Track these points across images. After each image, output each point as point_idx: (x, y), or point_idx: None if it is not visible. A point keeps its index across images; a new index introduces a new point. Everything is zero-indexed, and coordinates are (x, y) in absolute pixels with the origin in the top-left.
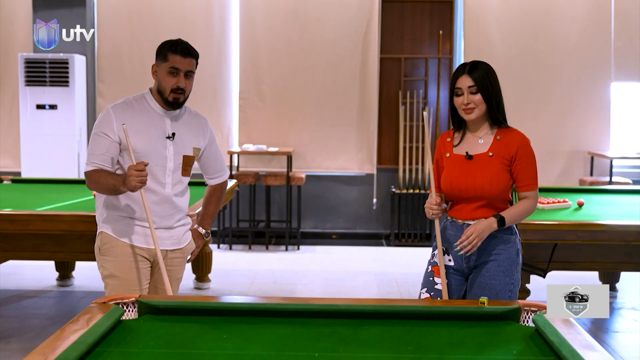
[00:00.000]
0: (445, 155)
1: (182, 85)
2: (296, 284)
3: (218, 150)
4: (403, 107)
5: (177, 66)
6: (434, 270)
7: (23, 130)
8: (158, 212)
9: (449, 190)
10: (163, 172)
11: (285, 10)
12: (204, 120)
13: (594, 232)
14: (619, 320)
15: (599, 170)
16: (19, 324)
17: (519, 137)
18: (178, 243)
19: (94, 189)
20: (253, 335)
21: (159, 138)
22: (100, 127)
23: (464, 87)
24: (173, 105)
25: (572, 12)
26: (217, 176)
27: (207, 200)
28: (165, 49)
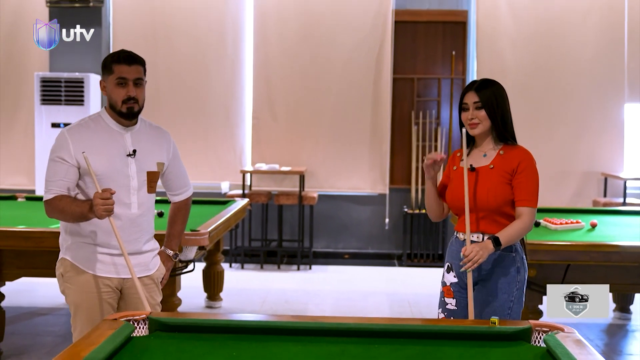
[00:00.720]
0: (453, 169)
1: (132, 94)
2: (307, 304)
3: (182, 166)
4: (416, 127)
5: (123, 75)
6: (444, 291)
7: (38, 149)
8: (124, 237)
9: (453, 201)
10: (127, 192)
11: (298, 30)
12: (166, 134)
13: (607, 253)
14: (633, 342)
15: (613, 191)
16: (31, 341)
17: (522, 153)
18: (146, 269)
19: (58, 217)
20: (263, 353)
21: (119, 156)
22: (56, 152)
23: (470, 103)
24: (128, 116)
25: (585, 32)
26: (181, 192)
27: (172, 220)
28: (108, 62)
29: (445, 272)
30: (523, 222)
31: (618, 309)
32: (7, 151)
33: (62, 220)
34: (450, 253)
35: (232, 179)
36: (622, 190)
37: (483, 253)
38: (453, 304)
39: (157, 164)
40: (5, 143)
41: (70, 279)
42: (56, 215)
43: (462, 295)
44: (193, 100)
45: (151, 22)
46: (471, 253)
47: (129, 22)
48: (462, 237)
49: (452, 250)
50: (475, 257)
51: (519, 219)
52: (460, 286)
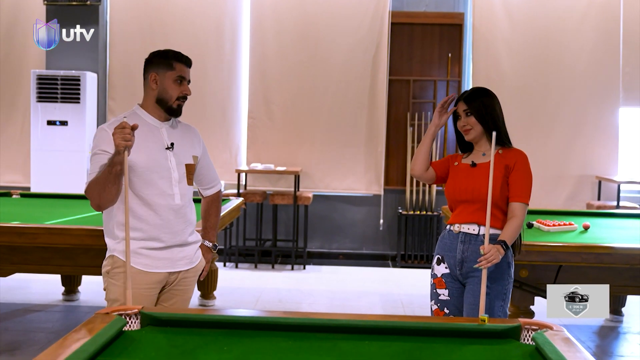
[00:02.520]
0: (454, 164)
1: (188, 92)
2: (301, 303)
3: (210, 160)
4: (411, 128)
5: (184, 75)
6: (435, 283)
7: (33, 146)
8: (171, 228)
9: (451, 192)
10: (169, 184)
11: (295, 31)
12: (196, 130)
13: (599, 255)
14: (624, 344)
15: (607, 194)
16: (24, 337)
17: (519, 153)
18: (191, 262)
19: (99, 192)
20: (254, 348)
21: (159, 150)
22: (98, 146)
23: (460, 111)
24: (177, 112)
25: (581, 37)
26: (212, 186)
27: (207, 213)
28: (170, 58)
29: (436, 264)
30: (519, 220)
31: (610, 311)
32: (3, 148)
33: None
34: (442, 246)
35: (227, 179)
36: (616, 194)
37: (498, 255)
38: (445, 294)
39: (192, 157)
40: (1, 140)
41: (116, 275)
42: (96, 191)
43: (455, 286)
44: (189, 99)
45: (148, 21)
46: (489, 253)
47: (126, 21)
48: (457, 229)
49: (444, 243)
50: (492, 257)
51: (515, 217)
52: (452, 277)
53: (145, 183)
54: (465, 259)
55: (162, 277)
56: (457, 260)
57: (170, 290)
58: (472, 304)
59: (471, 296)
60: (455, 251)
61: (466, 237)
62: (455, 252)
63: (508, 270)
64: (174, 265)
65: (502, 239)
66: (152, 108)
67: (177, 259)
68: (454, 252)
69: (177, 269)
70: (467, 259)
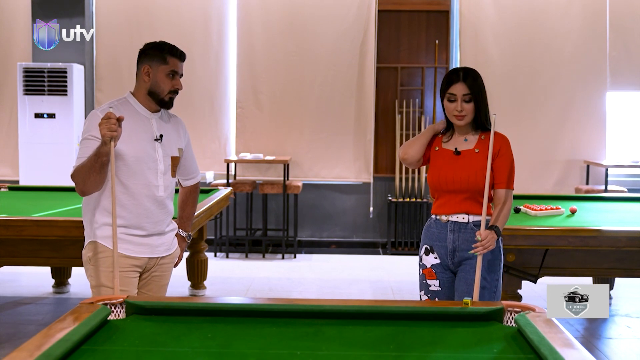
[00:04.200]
0: (435, 149)
1: (180, 87)
2: (291, 292)
3: (193, 151)
4: (399, 116)
5: (177, 70)
6: (425, 274)
7: (21, 139)
8: (154, 218)
9: (436, 182)
10: (155, 175)
11: (282, 20)
12: (181, 121)
13: (585, 238)
14: (612, 326)
15: (595, 179)
16: (14, 330)
17: (502, 138)
18: (168, 249)
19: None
20: (237, 334)
21: (148, 141)
22: (89, 131)
23: (459, 95)
24: (167, 105)
25: (568, 22)
26: (192, 177)
27: (184, 203)
28: (164, 52)
29: (424, 254)
30: (508, 206)
31: None
32: None
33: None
34: (430, 235)
35: (216, 169)
36: (604, 178)
37: (494, 241)
38: (436, 284)
39: (177, 150)
40: None
41: (99, 260)
42: (81, 177)
43: (445, 276)
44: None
45: (134, 11)
46: (486, 239)
47: (112, 11)
48: (445, 219)
49: (432, 232)
50: (488, 244)
51: (504, 203)
52: (443, 267)
53: (132, 172)
54: (456, 248)
55: (143, 261)
56: (448, 250)
57: (148, 277)
58: (465, 292)
59: (464, 284)
60: (445, 241)
61: (456, 225)
62: (445, 242)
63: (499, 257)
64: (153, 251)
65: (494, 224)
66: (143, 99)
67: (156, 245)
68: (444, 242)
69: (156, 255)
70: (459, 247)
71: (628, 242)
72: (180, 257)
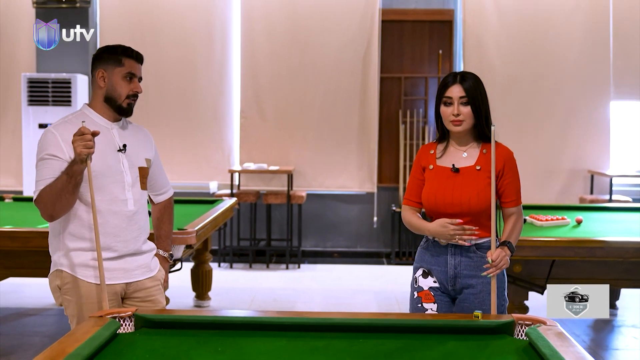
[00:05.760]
0: (429, 168)
1: (139, 90)
2: (296, 302)
3: (161, 164)
4: (403, 125)
5: (133, 72)
6: (420, 297)
7: (25, 150)
8: (124, 236)
9: (432, 205)
10: (122, 189)
11: (286, 30)
12: (147, 131)
13: (592, 249)
14: (619, 337)
15: (599, 188)
16: (19, 341)
17: (505, 152)
18: (149, 270)
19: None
20: (247, 348)
21: (110, 152)
22: (45, 150)
23: (455, 97)
24: (127, 112)
25: (571, 31)
26: (164, 191)
27: (160, 220)
28: (119, 53)
29: (421, 277)
30: (520, 222)
31: None
32: None
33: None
34: (427, 259)
35: (220, 179)
36: (608, 188)
37: (507, 259)
38: (434, 308)
39: (145, 160)
40: None
41: (69, 291)
42: (50, 200)
43: (444, 299)
44: (181, 100)
45: (138, 22)
46: (498, 259)
47: (116, 22)
48: (444, 242)
49: (429, 254)
50: (502, 264)
51: (516, 220)
52: (441, 290)
53: (95, 189)
54: (458, 274)
55: (119, 288)
56: (449, 276)
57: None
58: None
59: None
60: (445, 265)
61: (457, 249)
62: (445, 267)
63: (504, 278)
64: (129, 276)
65: (507, 240)
66: (100, 107)
67: (131, 268)
68: (444, 267)
69: (133, 279)
70: (461, 274)
71: (635, 252)
72: (166, 279)
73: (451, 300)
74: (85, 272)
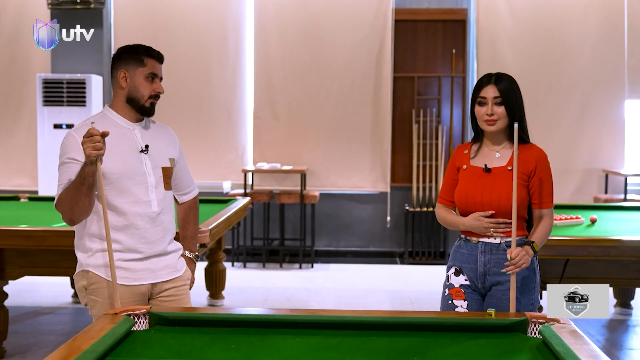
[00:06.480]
0: (462, 168)
1: (161, 90)
2: (309, 302)
3: (186, 163)
4: (416, 125)
5: (155, 72)
6: (451, 293)
7: (40, 150)
8: (149, 238)
9: (463, 204)
10: (145, 190)
11: (298, 30)
12: (171, 130)
13: (606, 248)
14: (634, 337)
15: (614, 187)
16: (34, 340)
17: (538, 153)
18: (175, 271)
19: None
20: (261, 345)
21: (133, 153)
22: (66, 154)
23: (489, 97)
24: (149, 111)
25: (585, 30)
26: (189, 191)
27: (185, 221)
28: (141, 54)
29: (453, 275)
30: (549, 224)
31: (619, 304)
32: (10, 152)
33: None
34: (459, 257)
35: (233, 179)
36: (622, 187)
37: (527, 258)
38: (464, 306)
39: (169, 160)
40: (8, 144)
41: (94, 291)
42: (68, 204)
43: (474, 297)
44: (194, 100)
45: (152, 23)
46: (517, 257)
47: (130, 23)
48: (475, 240)
49: (461, 254)
50: (520, 262)
51: (545, 221)
52: (472, 288)
53: (118, 191)
54: (487, 271)
55: (145, 289)
56: (478, 273)
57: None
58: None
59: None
60: (475, 263)
61: (487, 246)
62: (475, 264)
63: (534, 277)
64: (155, 276)
65: (531, 240)
66: (122, 108)
67: (157, 269)
68: (474, 264)
69: (160, 280)
70: (490, 271)
71: None
72: (192, 280)
73: (481, 298)
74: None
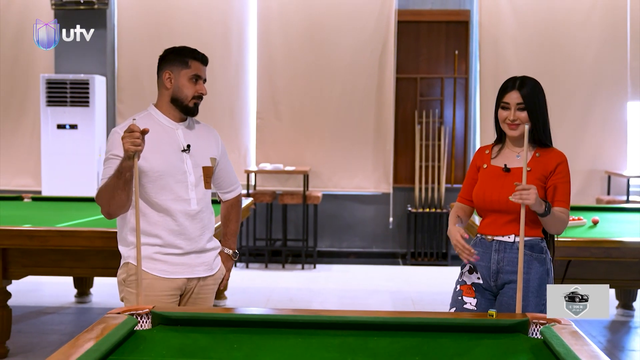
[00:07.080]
0: (483, 167)
1: (204, 92)
2: (312, 302)
3: (230, 162)
4: (419, 126)
5: (200, 74)
6: (462, 290)
7: (44, 150)
8: (188, 235)
9: (480, 201)
10: (185, 188)
11: (302, 31)
12: (214, 131)
13: (608, 249)
14: (636, 338)
15: (616, 189)
16: (37, 339)
17: (559, 155)
18: (210, 269)
19: (106, 198)
20: (263, 345)
21: (174, 152)
22: (111, 151)
23: (512, 103)
24: (193, 112)
25: (588, 31)
26: (232, 189)
27: (227, 218)
28: (186, 56)
29: (467, 272)
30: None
31: (621, 305)
32: (13, 152)
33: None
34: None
35: None
36: (625, 188)
37: (533, 198)
38: (473, 303)
39: (210, 159)
40: (12, 144)
41: (132, 283)
42: (106, 198)
43: (484, 297)
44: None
45: (155, 24)
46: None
47: (134, 24)
48: (490, 238)
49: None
50: (525, 192)
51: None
52: (484, 287)
53: (159, 188)
54: (500, 269)
55: (181, 283)
56: (491, 271)
57: (187, 300)
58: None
59: (505, 309)
60: (489, 261)
61: (501, 245)
62: (489, 262)
63: (548, 279)
64: (192, 271)
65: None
66: (166, 108)
67: (194, 264)
68: (488, 262)
69: (196, 275)
70: (503, 269)
71: None
72: (227, 277)
73: (493, 297)
74: (150, 265)
